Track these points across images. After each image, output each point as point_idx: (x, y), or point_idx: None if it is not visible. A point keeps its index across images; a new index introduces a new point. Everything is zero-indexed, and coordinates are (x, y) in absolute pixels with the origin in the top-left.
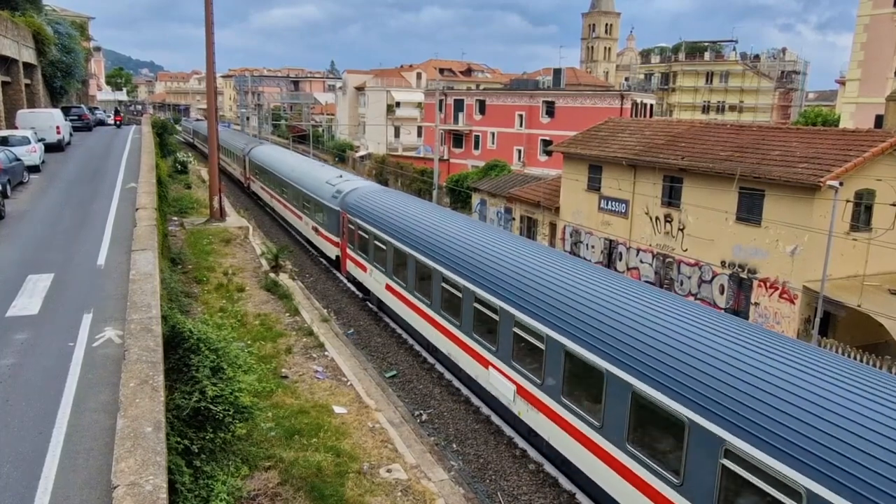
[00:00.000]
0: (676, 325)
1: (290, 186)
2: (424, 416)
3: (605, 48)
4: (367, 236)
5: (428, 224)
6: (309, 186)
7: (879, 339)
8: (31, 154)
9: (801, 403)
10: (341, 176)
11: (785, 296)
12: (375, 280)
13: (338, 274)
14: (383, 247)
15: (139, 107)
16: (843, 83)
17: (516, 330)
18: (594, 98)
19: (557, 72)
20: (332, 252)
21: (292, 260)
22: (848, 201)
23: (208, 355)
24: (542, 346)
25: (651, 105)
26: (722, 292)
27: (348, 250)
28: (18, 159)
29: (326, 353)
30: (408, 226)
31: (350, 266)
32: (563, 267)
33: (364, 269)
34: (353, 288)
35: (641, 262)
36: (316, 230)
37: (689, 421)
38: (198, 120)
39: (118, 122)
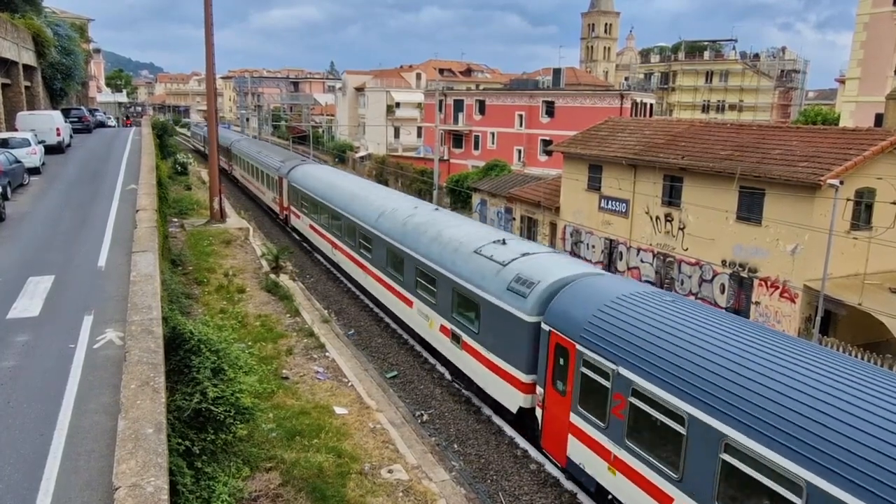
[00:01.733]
0: None
1: (380, 243)
2: (425, 417)
3: (605, 48)
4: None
5: None
6: (438, 257)
7: (881, 337)
8: (32, 156)
9: None
10: (504, 242)
11: (786, 295)
12: None
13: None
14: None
15: (139, 108)
16: (842, 82)
17: None
18: (594, 98)
19: (557, 72)
20: (526, 405)
21: (292, 261)
22: (848, 200)
23: (209, 356)
24: None
25: (651, 104)
26: (723, 291)
27: (616, 451)
28: (19, 161)
29: (327, 353)
30: None
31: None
32: None
33: None
34: None
35: (642, 261)
36: (476, 354)
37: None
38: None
39: (128, 125)
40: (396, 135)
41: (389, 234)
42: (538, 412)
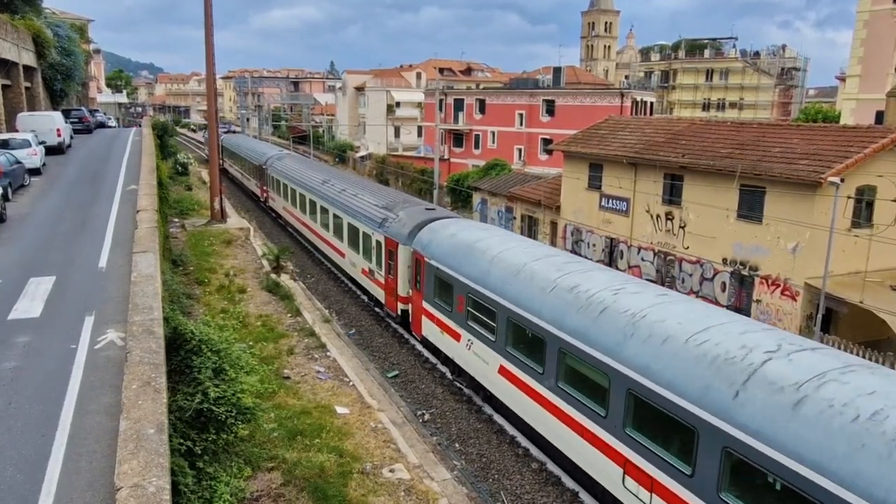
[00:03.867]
0: None
1: None
2: (427, 416)
3: (605, 46)
4: None
5: None
6: None
7: (881, 335)
8: (32, 157)
9: None
10: None
11: (786, 293)
12: None
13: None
14: None
15: (139, 109)
16: (843, 79)
17: None
18: (594, 96)
19: (557, 70)
20: None
21: (293, 261)
22: (849, 198)
23: (210, 357)
24: None
25: (651, 103)
26: (724, 290)
27: None
28: (19, 162)
29: (328, 353)
30: None
31: None
32: None
33: None
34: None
35: (643, 260)
36: None
37: None
38: (228, 131)
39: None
40: (397, 134)
41: None
42: None
